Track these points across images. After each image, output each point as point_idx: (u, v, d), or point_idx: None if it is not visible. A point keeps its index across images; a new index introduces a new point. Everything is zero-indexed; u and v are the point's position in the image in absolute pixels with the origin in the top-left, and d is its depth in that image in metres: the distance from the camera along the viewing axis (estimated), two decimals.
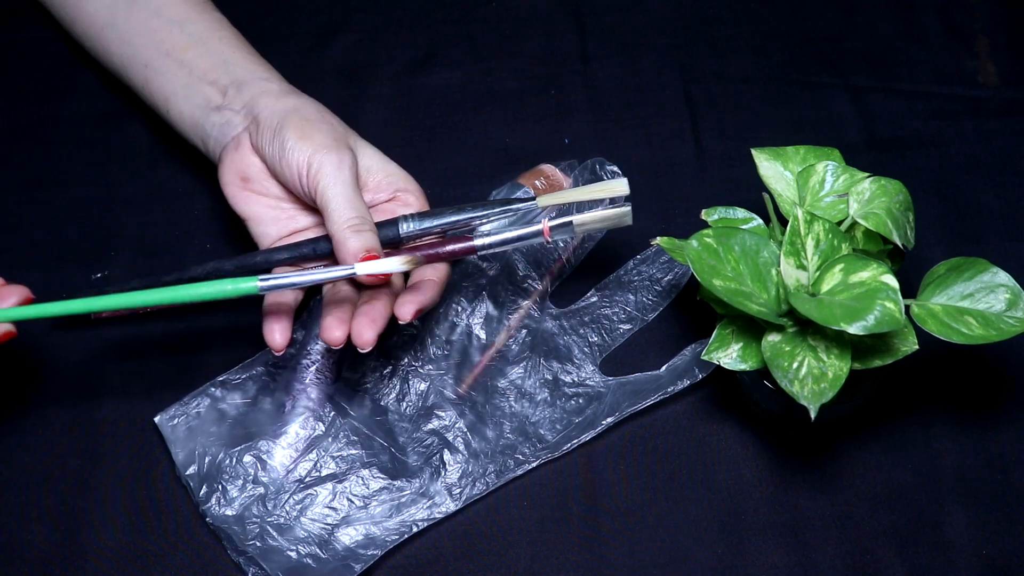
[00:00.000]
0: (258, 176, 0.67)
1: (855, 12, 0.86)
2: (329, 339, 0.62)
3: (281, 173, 0.65)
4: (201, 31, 0.72)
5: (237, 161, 0.67)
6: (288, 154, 0.64)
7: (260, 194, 0.68)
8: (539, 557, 0.67)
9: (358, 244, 0.62)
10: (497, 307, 0.73)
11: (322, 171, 0.63)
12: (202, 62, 0.70)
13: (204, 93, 0.70)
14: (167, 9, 0.73)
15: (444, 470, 0.69)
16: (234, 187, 0.67)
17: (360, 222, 0.63)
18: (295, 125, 0.65)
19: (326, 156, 0.64)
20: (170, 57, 0.71)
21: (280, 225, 0.68)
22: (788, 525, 0.68)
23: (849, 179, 0.65)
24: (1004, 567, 0.66)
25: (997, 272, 0.62)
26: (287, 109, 0.66)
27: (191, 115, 0.71)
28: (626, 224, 0.65)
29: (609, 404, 0.70)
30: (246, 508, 0.67)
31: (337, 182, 0.63)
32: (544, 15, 0.86)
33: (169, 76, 0.71)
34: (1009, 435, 0.70)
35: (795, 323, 0.61)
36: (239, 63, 0.70)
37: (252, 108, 0.67)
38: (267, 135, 0.66)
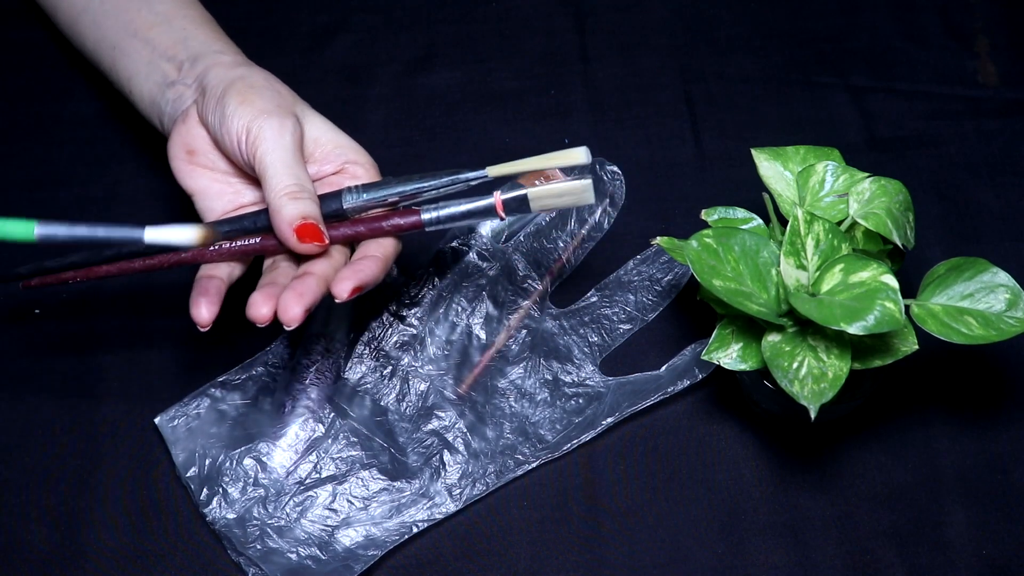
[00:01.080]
0: (204, 149, 0.65)
1: (855, 12, 0.86)
2: (254, 316, 0.58)
3: (222, 141, 0.63)
4: (168, 9, 0.70)
5: (184, 134, 0.64)
6: (228, 120, 0.61)
7: (206, 167, 0.65)
8: (539, 557, 0.67)
9: (294, 211, 0.59)
10: (497, 307, 0.73)
11: (261, 136, 0.60)
12: (163, 39, 0.68)
13: (162, 70, 0.67)
14: None
15: (444, 471, 0.69)
16: (180, 160, 0.65)
17: (298, 189, 0.60)
18: (238, 91, 0.62)
19: (266, 121, 0.61)
20: (136, 37, 0.69)
21: (225, 199, 0.65)
22: (788, 525, 0.68)
23: (849, 179, 0.65)
24: (1004, 567, 0.66)
25: (997, 272, 0.62)
26: (233, 77, 0.64)
27: (150, 93, 0.68)
28: (588, 202, 0.61)
29: (609, 404, 0.70)
30: (246, 510, 0.67)
31: (276, 147, 0.60)
32: (544, 15, 0.86)
33: (133, 56, 0.69)
34: (1009, 435, 0.70)
35: (795, 323, 0.61)
36: (197, 38, 0.68)
37: (202, 79, 0.65)
38: (211, 103, 0.63)
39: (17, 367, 0.73)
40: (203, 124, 0.64)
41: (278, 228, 0.60)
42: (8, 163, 0.80)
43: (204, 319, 0.60)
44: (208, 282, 0.61)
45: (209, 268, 0.62)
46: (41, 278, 0.66)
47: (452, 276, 0.74)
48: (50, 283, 0.65)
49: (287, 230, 0.59)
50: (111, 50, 0.71)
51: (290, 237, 0.60)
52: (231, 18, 0.77)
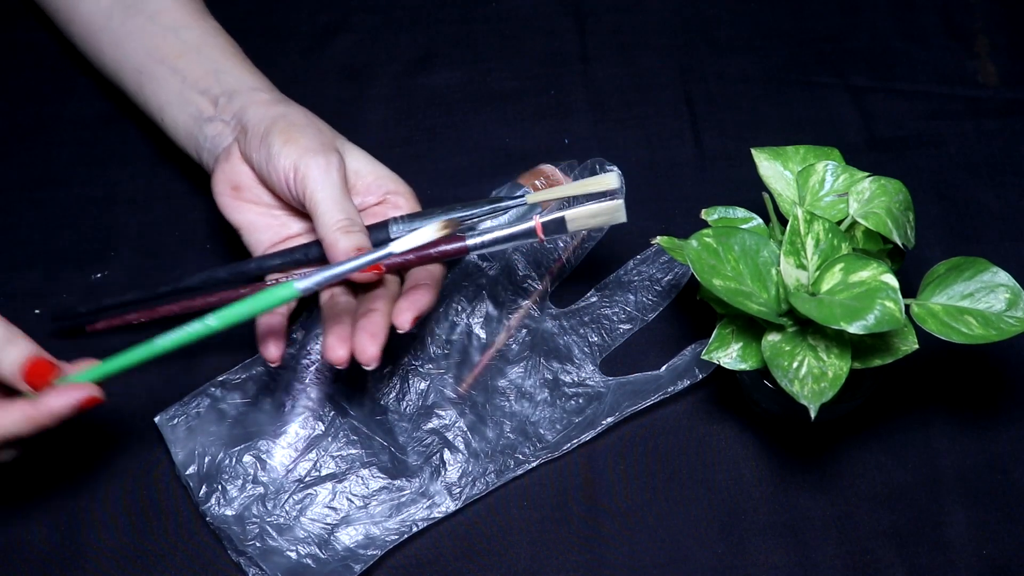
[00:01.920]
0: (249, 184, 0.67)
1: (855, 12, 0.86)
2: (332, 359, 0.61)
3: (269, 179, 0.65)
4: (195, 38, 0.71)
5: (228, 171, 0.67)
6: (275, 159, 0.64)
7: (251, 202, 0.67)
8: (539, 557, 0.67)
9: (348, 243, 0.61)
10: (497, 307, 0.73)
11: (309, 175, 0.63)
12: (194, 70, 0.70)
13: (196, 103, 0.69)
14: (163, 15, 0.72)
15: (444, 470, 0.69)
16: (226, 196, 0.67)
17: (349, 223, 0.62)
18: (281, 130, 0.64)
19: (312, 159, 0.63)
20: (163, 64, 0.71)
21: (272, 232, 0.67)
22: (788, 525, 0.68)
23: (849, 179, 0.65)
24: (1004, 567, 0.66)
25: (997, 272, 0.62)
26: (275, 115, 0.66)
27: (185, 125, 0.70)
28: (620, 220, 0.64)
29: (609, 404, 0.70)
30: (246, 508, 0.67)
31: (325, 185, 0.63)
32: (544, 15, 0.86)
33: (162, 83, 0.71)
34: (1009, 435, 0.70)
35: (795, 323, 0.61)
36: (231, 72, 0.70)
37: (241, 117, 0.67)
38: (254, 142, 0.65)
39: None
40: (246, 161, 0.66)
41: (334, 259, 0.62)
42: (8, 163, 0.80)
43: (274, 357, 0.63)
44: (271, 320, 0.64)
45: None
46: (107, 321, 0.67)
47: (452, 276, 0.74)
48: (116, 325, 0.67)
49: None
50: (136, 73, 0.72)
51: None
52: (231, 18, 0.77)
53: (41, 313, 0.74)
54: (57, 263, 0.76)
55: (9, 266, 0.76)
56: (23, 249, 0.77)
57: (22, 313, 0.74)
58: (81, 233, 0.77)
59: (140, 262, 0.76)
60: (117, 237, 0.77)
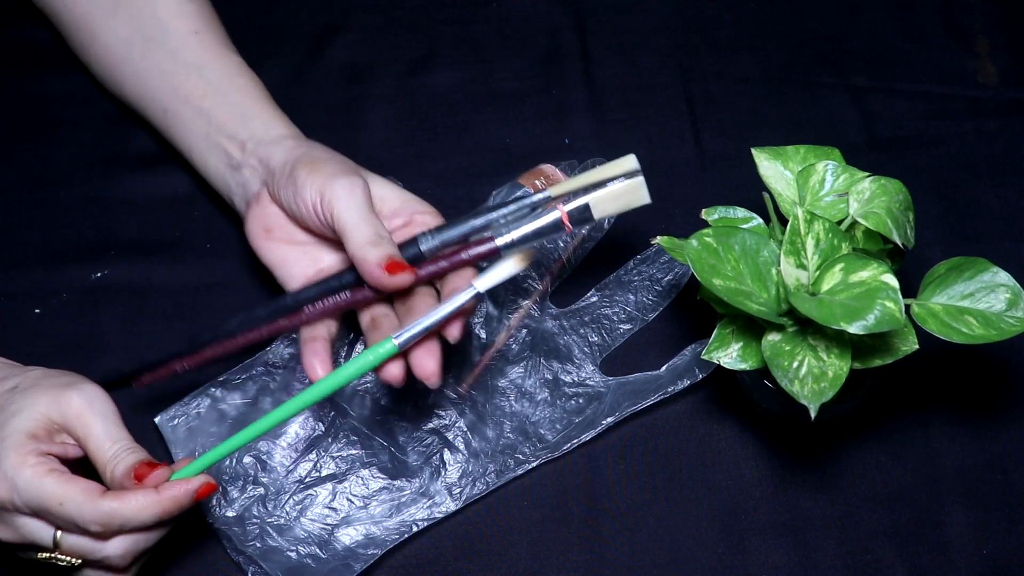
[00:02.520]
0: (280, 224, 0.68)
1: (855, 12, 0.86)
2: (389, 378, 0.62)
3: (299, 212, 0.65)
4: (219, 78, 0.72)
5: (259, 214, 0.68)
6: (301, 190, 0.64)
7: (283, 241, 0.68)
8: (539, 557, 0.67)
9: (379, 254, 0.62)
10: (497, 307, 0.73)
11: (334, 196, 0.63)
12: (220, 112, 0.71)
13: (224, 148, 0.70)
14: (184, 52, 0.72)
15: (444, 470, 0.69)
16: (259, 239, 0.68)
17: (377, 238, 0.62)
18: (305, 163, 0.65)
19: (337, 182, 0.64)
20: (188, 104, 0.71)
21: (303, 266, 0.68)
22: (788, 525, 0.68)
23: (849, 179, 0.65)
24: (1004, 567, 0.66)
25: (997, 272, 0.62)
26: (299, 154, 0.67)
27: (215, 170, 0.71)
28: (644, 201, 0.63)
29: (609, 404, 0.70)
30: (246, 509, 0.67)
31: (351, 204, 0.63)
32: (544, 15, 0.86)
33: (189, 125, 0.72)
34: (1009, 435, 0.70)
35: (795, 322, 0.61)
36: (256, 117, 0.70)
37: (268, 162, 0.68)
38: (281, 180, 0.66)
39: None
40: (275, 202, 0.67)
41: (368, 274, 0.62)
42: (8, 163, 0.80)
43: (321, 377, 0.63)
44: (314, 344, 0.64)
45: (311, 330, 0.65)
46: (151, 373, 0.68)
47: None
48: (162, 376, 0.67)
49: (377, 271, 0.62)
50: (161, 112, 0.73)
51: (381, 276, 0.62)
52: (231, 18, 0.77)
53: (41, 313, 0.74)
54: (57, 263, 0.76)
55: (9, 266, 0.76)
56: (23, 249, 0.77)
57: (22, 313, 0.74)
58: (81, 233, 0.77)
59: (140, 262, 0.76)
60: (117, 237, 0.77)
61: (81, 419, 0.60)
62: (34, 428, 0.59)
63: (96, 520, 0.58)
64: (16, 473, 0.58)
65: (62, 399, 0.60)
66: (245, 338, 0.66)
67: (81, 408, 0.60)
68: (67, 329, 0.74)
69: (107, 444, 0.60)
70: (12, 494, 0.58)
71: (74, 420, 0.60)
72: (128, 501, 0.58)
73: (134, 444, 0.61)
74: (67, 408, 0.60)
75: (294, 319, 0.66)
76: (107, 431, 0.60)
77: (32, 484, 0.58)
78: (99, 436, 0.60)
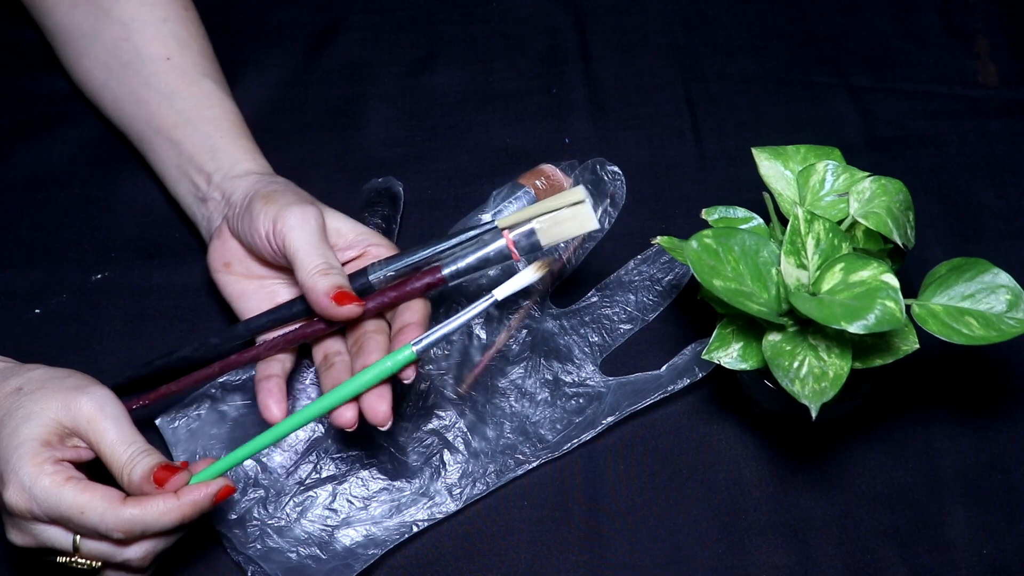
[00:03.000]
0: (238, 258, 0.68)
1: (855, 12, 0.86)
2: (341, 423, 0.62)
3: (253, 243, 0.66)
4: (190, 108, 0.72)
5: (219, 248, 0.68)
6: (255, 220, 0.65)
7: (241, 275, 0.68)
8: (539, 557, 0.67)
9: (327, 284, 0.62)
10: (497, 307, 0.73)
11: (287, 224, 0.64)
12: (190, 144, 0.71)
13: (192, 179, 0.71)
14: (157, 79, 0.73)
15: (444, 470, 0.69)
16: (219, 273, 0.69)
17: (327, 267, 0.63)
18: (262, 195, 0.66)
19: (289, 210, 0.64)
20: (160, 134, 0.72)
21: (260, 299, 0.68)
22: (788, 525, 0.68)
23: (849, 178, 0.65)
24: (1004, 567, 0.66)
25: (998, 273, 0.62)
26: (258, 187, 0.67)
27: (184, 200, 0.72)
28: (592, 227, 0.62)
29: (609, 404, 0.70)
30: (247, 511, 0.67)
31: (303, 233, 0.63)
32: (544, 15, 0.86)
33: (161, 155, 0.72)
34: (1009, 435, 0.70)
35: (795, 322, 0.61)
36: (225, 150, 0.71)
37: (229, 197, 0.68)
38: (239, 213, 0.66)
39: None
40: (235, 236, 0.68)
41: (316, 303, 0.62)
42: (8, 163, 0.80)
43: (277, 417, 0.63)
44: (268, 383, 0.65)
45: (265, 368, 0.65)
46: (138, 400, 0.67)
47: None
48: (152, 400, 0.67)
49: (325, 301, 0.62)
50: (138, 139, 0.74)
51: (329, 306, 0.62)
52: (231, 18, 0.77)
53: (41, 313, 0.74)
54: (57, 263, 0.76)
55: (9, 266, 0.76)
56: (23, 249, 0.77)
57: (22, 313, 0.74)
58: (81, 233, 0.77)
59: (140, 263, 0.76)
60: (117, 238, 0.77)
61: (93, 424, 0.60)
62: (47, 434, 0.59)
63: (118, 527, 0.58)
64: (34, 483, 0.58)
65: (72, 403, 0.60)
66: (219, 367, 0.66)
67: (92, 412, 0.60)
68: (67, 330, 0.74)
69: (121, 448, 0.60)
70: (31, 504, 0.58)
71: (85, 424, 0.60)
72: (149, 507, 0.58)
73: (148, 446, 0.61)
74: (78, 412, 0.60)
75: (244, 355, 0.66)
76: (120, 435, 0.60)
77: (51, 494, 0.58)
78: (113, 440, 0.60)
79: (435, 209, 0.78)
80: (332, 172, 0.80)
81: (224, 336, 0.68)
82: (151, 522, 0.58)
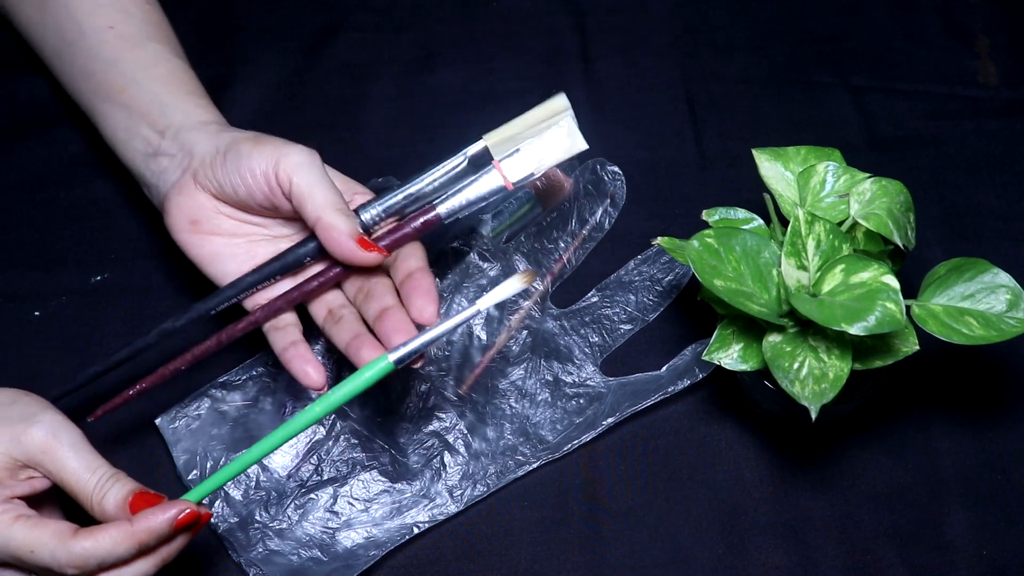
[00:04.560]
0: (208, 215, 0.64)
1: (855, 12, 0.86)
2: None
3: (238, 190, 0.62)
4: (134, 70, 0.69)
5: (183, 205, 0.64)
6: (249, 162, 0.62)
7: (212, 233, 0.65)
8: (540, 558, 0.67)
9: (351, 225, 0.60)
10: (497, 307, 0.73)
11: (293, 161, 0.61)
12: (138, 104, 0.68)
13: (143, 135, 0.67)
14: (100, 48, 0.70)
15: (445, 471, 0.69)
16: (185, 233, 0.64)
17: (345, 206, 0.61)
18: (247, 140, 0.63)
19: (292, 148, 0.61)
20: (108, 101, 0.69)
21: (239, 260, 0.65)
22: (788, 525, 0.68)
23: (850, 179, 0.65)
24: (1004, 567, 0.66)
25: (998, 273, 0.62)
26: (232, 137, 0.64)
27: (133, 161, 0.68)
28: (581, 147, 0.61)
29: (610, 404, 0.70)
30: (248, 513, 0.67)
31: (312, 171, 0.61)
32: (545, 15, 0.86)
33: (112, 120, 0.69)
34: (1009, 435, 0.70)
35: (796, 323, 0.61)
36: (175, 106, 0.68)
37: (191, 149, 0.65)
38: (216, 163, 0.63)
39: (18, 367, 0.72)
40: (205, 190, 0.64)
41: (338, 246, 0.60)
42: (8, 163, 0.80)
43: (318, 383, 0.61)
44: (295, 349, 0.62)
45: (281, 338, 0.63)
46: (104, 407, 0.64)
47: (453, 276, 0.74)
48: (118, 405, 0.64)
49: (349, 244, 0.60)
50: (91, 114, 0.71)
51: (353, 250, 0.60)
52: (231, 18, 0.77)
53: (40, 315, 0.74)
54: (57, 264, 0.76)
55: (9, 266, 0.76)
56: (23, 249, 0.77)
57: (22, 315, 0.74)
58: (81, 234, 0.77)
59: (140, 264, 0.76)
60: (117, 239, 0.77)
61: (49, 453, 0.57)
62: None
63: (70, 563, 0.55)
64: None
65: (23, 436, 0.57)
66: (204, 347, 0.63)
67: (46, 442, 0.57)
68: (66, 332, 0.74)
69: (86, 476, 0.57)
70: None
71: (40, 456, 0.57)
72: (101, 539, 0.55)
73: (113, 470, 0.58)
74: (30, 444, 0.57)
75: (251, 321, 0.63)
76: (81, 462, 0.57)
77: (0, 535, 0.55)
78: (74, 469, 0.57)
79: None
80: None
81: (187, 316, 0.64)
82: (104, 554, 0.55)
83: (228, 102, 0.81)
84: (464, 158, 0.63)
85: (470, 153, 0.63)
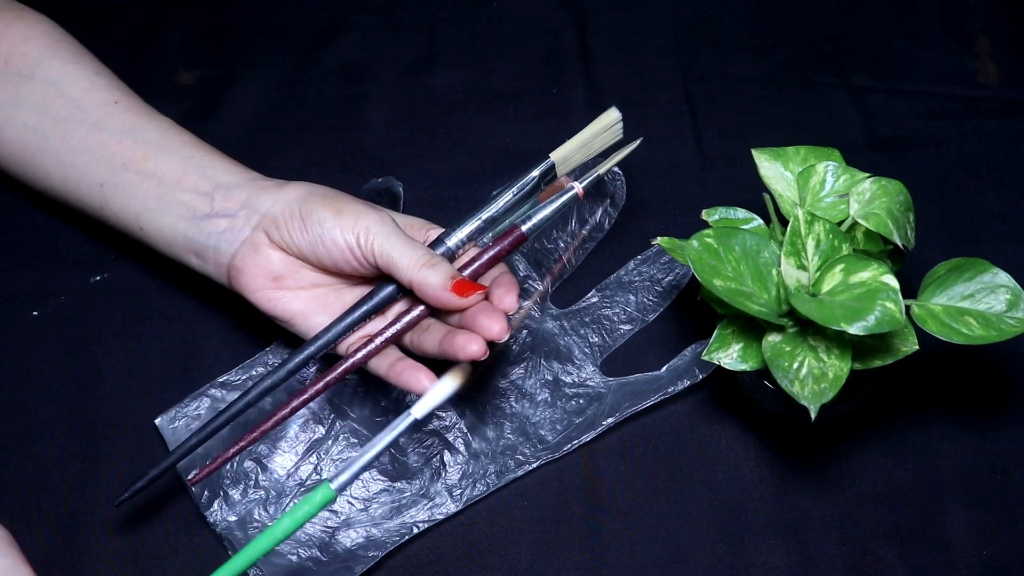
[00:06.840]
0: (290, 271, 0.64)
1: (855, 12, 0.86)
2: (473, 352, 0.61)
3: (325, 255, 0.63)
4: (157, 137, 0.68)
5: (262, 263, 0.64)
6: (332, 232, 0.63)
7: (298, 288, 0.65)
8: (540, 558, 0.67)
9: (441, 275, 0.62)
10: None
11: (372, 231, 0.62)
12: (170, 169, 0.66)
13: (182, 201, 0.66)
14: (109, 121, 0.68)
15: (444, 471, 0.69)
16: (266, 291, 0.64)
17: (429, 258, 0.62)
18: (324, 205, 0.63)
19: (370, 219, 0.63)
20: (128, 170, 0.67)
21: (331, 312, 0.65)
22: (788, 525, 0.68)
23: (849, 179, 0.65)
24: (1004, 567, 0.66)
25: (998, 273, 0.62)
26: (300, 196, 0.64)
27: (173, 228, 0.66)
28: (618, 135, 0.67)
29: (610, 404, 0.70)
30: (247, 512, 0.67)
31: (391, 236, 0.63)
32: (545, 15, 0.86)
33: (133, 191, 0.67)
34: (1009, 435, 0.70)
35: (795, 323, 0.61)
36: (214, 166, 0.67)
37: (256, 207, 0.64)
38: (295, 225, 0.63)
39: (17, 368, 0.72)
40: (282, 249, 0.64)
41: (433, 297, 0.62)
42: None
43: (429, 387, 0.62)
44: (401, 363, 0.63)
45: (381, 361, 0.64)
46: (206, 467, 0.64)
47: None
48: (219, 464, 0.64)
49: (443, 295, 0.62)
50: (97, 188, 0.68)
51: (451, 298, 0.62)
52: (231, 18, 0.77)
53: (40, 315, 0.74)
54: (57, 264, 0.76)
55: (9, 266, 0.76)
56: (23, 249, 0.77)
57: (21, 314, 0.74)
58: (81, 235, 0.77)
59: (140, 266, 0.76)
60: (117, 240, 0.77)
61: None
62: None
63: None
64: None
65: None
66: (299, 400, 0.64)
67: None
68: (66, 332, 0.74)
69: None
70: None
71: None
72: None
73: None
74: None
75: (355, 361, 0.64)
76: None
77: None
78: None
79: (435, 209, 0.78)
80: (332, 172, 0.79)
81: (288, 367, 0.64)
82: None
83: (228, 102, 0.81)
84: (535, 177, 0.66)
85: (540, 171, 0.66)
